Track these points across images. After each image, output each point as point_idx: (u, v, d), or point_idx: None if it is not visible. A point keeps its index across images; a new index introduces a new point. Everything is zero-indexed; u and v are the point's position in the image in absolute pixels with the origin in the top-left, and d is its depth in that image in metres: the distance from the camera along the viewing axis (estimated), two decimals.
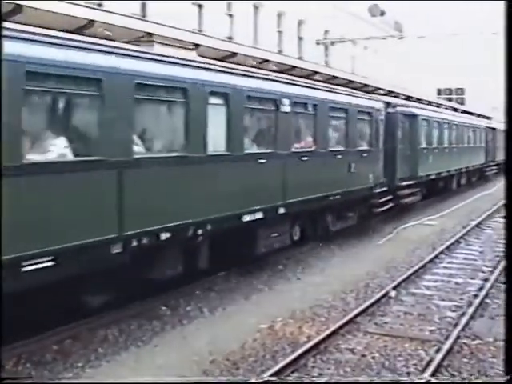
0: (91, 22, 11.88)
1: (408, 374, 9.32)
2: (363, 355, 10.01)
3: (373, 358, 9.91)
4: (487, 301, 13.14)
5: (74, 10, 11.52)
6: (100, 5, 20.21)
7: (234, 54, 16.01)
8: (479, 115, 47.17)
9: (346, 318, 11.45)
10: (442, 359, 9.68)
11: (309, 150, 16.36)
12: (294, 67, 19.39)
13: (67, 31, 10.37)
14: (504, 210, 23.21)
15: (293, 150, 15.47)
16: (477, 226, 23.21)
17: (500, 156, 44.21)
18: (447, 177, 31.88)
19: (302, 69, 19.92)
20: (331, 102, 17.73)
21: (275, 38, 35.85)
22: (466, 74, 72.79)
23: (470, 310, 12.19)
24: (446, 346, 10.17)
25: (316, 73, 20.91)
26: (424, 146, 26.96)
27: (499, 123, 47.58)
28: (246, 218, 13.48)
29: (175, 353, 9.98)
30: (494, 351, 10.24)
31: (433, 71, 66.92)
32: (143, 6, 24.90)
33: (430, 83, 64.87)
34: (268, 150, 14.52)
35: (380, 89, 26.23)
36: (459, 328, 11.14)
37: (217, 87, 12.65)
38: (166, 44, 12.22)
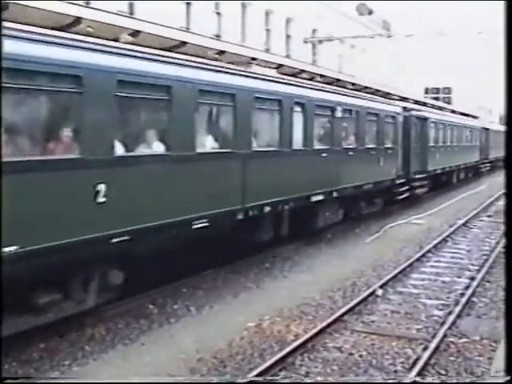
0: (78, 20, 11.82)
1: (395, 372, 9.35)
2: (350, 353, 10.03)
3: (360, 356, 9.94)
4: (474, 299, 13.21)
5: (60, 7, 11.45)
6: (87, 3, 20.10)
7: (222, 52, 15.96)
8: (474, 117, 48.54)
9: (334, 317, 11.48)
10: (429, 357, 9.73)
11: (352, 146, 20.30)
12: (281, 65, 19.37)
13: (53, 28, 10.32)
14: (492, 208, 23.21)
15: (343, 146, 19.50)
16: (464, 224, 23.30)
17: (493, 154, 47.95)
18: (449, 172, 35.79)
19: (289, 67, 19.91)
20: (368, 109, 21.82)
21: (263, 36, 35.86)
22: (453, 73, 73.09)
23: (457, 309, 12.25)
24: (432, 345, 10.21)
25: (303, 71, 20.90)
26: (432, 144, 30.65)
27: (491, 123, 50.08)
28: (313, 199, 17.25)
29: (162, 351, 9.97)
30: (481, 350, 10.32)
31: (420, 70, 67.13)
32: (130, 5, 24.83)
33: (418, 82, 65.04)
34: (327, 147, 18.39)
35: (366, 88, 26.26)
36: (446, 326, 11.19)
37: (298, 98, 16.58)
38: (259, 64, 16.08)
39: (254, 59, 17.23)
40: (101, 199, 9.59)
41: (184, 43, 14.27)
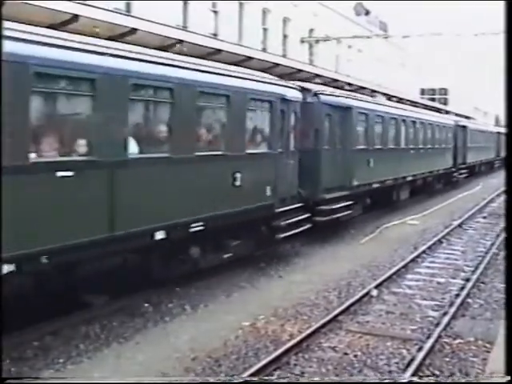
0: (75, 17, 11.80)
1: (390, 372, 9.34)
2: (345, 353, 10.02)
3: (355, 356, 9.93)
4: (469, 300, 13.20)
5: (58, 5, 11.43)
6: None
7: (219, 51, 15.95)
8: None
9: (329, 317, 11.46)
10: (424, 358, 9.71)
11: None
12: (278, 65, 19.38)
13: (50, 26, 10.30)
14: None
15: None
16: (459, 225, 23.31)
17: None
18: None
19: (285, 66, 19.92)
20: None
21: (260, 36, 35.82)
22: (449, 75, 73.15)
23: (452, 310, 12.24)
24: (427, 345, 10.20)
25: (300, 71, 20.92)
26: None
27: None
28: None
29: (157, 350, 9.95)
30: (475, 351, 10.31)
31: (417, 71, 67.17)
32: (127, 4, 24.78)
33: (414, 82, 65.09)
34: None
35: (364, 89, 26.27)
36: (441, 327, 11.18)
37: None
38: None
39: (250, 58, 17.23)
40: None
41: (181, 41, 14.27)
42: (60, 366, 9.18)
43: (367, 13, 55.19)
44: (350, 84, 25.41)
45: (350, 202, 20.29)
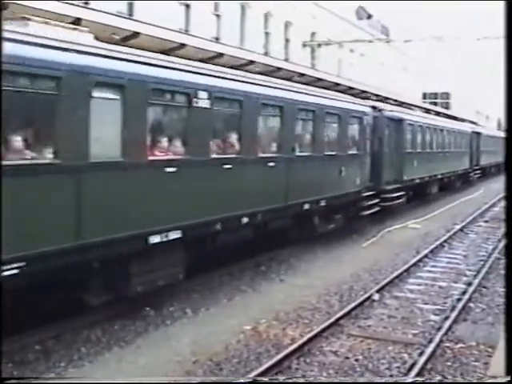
0: (78, 20, 11.80)
1: (391, 376, 9.33)
2: (347, 357, 10.02)
3: (356, 360, 9.93)
4: (470, 305, 13.20)
5: (60, 8, 11.42)
6: (86, 3, 20.07)
7: (221, 55, 15.97)
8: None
9: (330, 321, 11.47)
10: (425, 362, 9.72)
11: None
12: (280, 69, 19.38)
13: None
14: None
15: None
16: (461, 229, 23.30)
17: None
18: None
19: (287, 70, 19.92)
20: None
21: (262, 39, 35.81)
22: (450, 77, 73.15)
23: (453, 314, 12.24)
24: (429, 350, 10.20)
25: (302, 75, 20.91)
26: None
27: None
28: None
29: (158, 353, 9.95)
30: (477, 355, 10.31)
31: (418, 75, 67.15)
32: (130, 6, 24.79)
33: (416, 86, 65.06)
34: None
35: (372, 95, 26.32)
36: (442, 332, 11.18)
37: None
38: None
39: (252, 62, 17.25)
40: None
41: (183, 45, 14.29)
42: (61, 369, 9.19)
43: (369, 17, 55.16)
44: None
45: (403, 193, 25.64)
